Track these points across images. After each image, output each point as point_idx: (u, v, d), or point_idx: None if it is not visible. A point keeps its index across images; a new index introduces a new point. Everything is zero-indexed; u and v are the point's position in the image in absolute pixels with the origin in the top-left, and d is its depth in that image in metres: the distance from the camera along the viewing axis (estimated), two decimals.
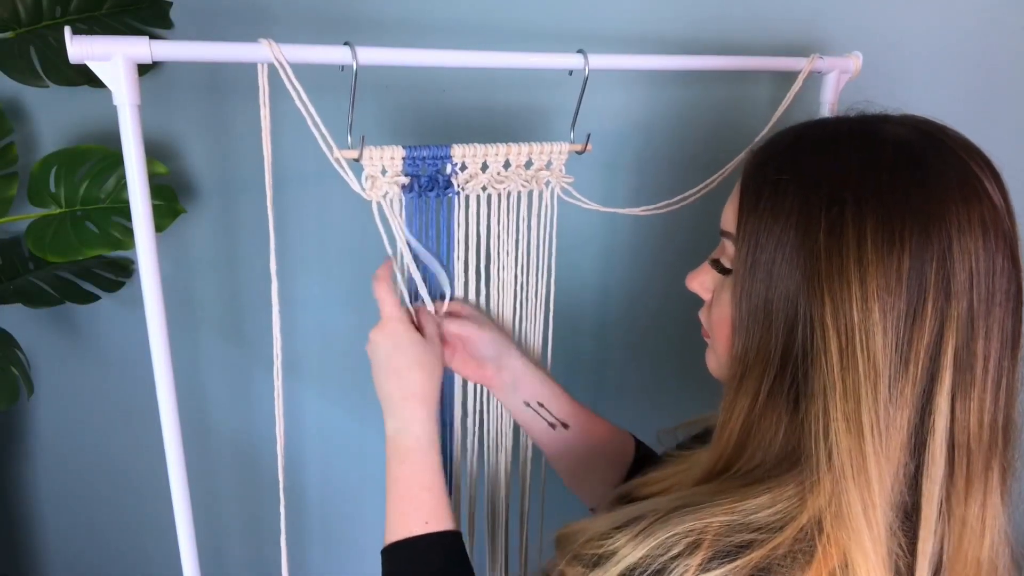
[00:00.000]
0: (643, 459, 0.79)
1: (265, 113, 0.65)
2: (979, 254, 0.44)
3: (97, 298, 0.92)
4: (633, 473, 0.78)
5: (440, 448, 0.68)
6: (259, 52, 0.62)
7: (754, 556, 0.43)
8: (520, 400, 0.78)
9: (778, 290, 0.47)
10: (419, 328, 0.73)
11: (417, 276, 0.76)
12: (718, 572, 0.43)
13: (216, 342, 1.05)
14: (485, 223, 0.79)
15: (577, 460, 0.79)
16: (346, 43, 0.65)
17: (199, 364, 1.06)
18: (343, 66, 0.65)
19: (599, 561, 0.46)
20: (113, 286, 0.93)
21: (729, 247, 0.53)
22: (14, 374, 0.82)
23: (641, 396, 1.24)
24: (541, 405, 0.77)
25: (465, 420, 0.86)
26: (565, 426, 0.78)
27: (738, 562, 0.43)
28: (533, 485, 0.92)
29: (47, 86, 0.81)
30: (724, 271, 0.54)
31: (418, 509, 0.64)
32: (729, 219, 0.53)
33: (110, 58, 0.57)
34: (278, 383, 0.75)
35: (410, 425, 0.67)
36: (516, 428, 0.89)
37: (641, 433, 0.83)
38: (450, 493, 0.87)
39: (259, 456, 1.12)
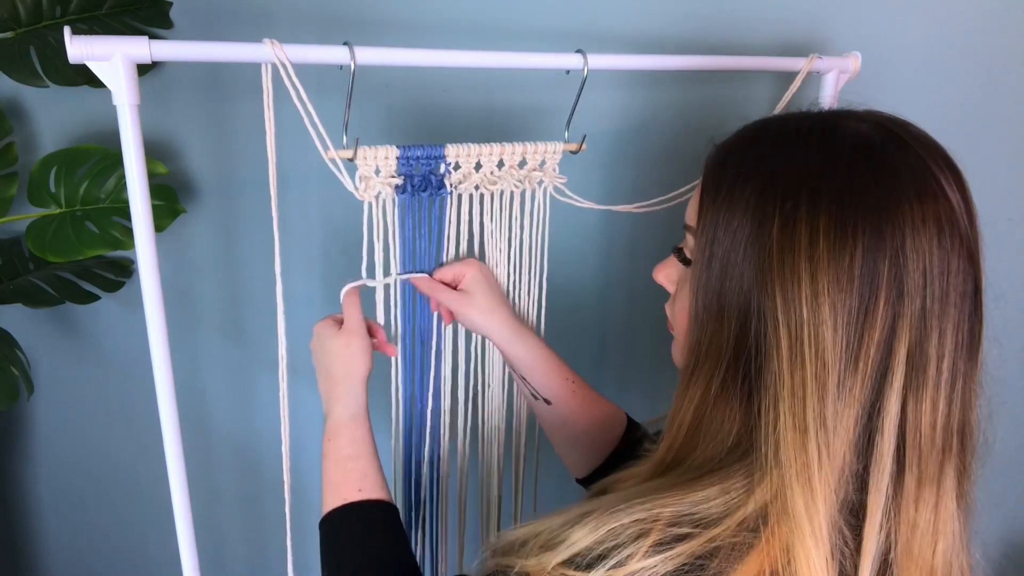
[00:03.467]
0: (634, 439, 0.80)
1: (269, 115, 0.65)
2: (933, 253, 0.44)
3: (97, 298, 0.92)
4: (621, 450, 0.79)
5: (369, 425, 0.70)
6: (260, 52, 0.62)
7: (692, 545, 0.44)
8: (508, 366, 0.80)
9: (732, 283, 0.47)
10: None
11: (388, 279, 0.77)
12: (656, 559, 0.43)
13: (216, 342, 1.05)
14: (478, 222, 0.79)
15: (560, 432, 0.80)
16: (344, 43, 0.65)
17: (199, 364, 1.06)
18: (342, 66, 0.65)
19: (549, 547, 0.47)
20: (113, 286, 0.93)
21: (691, 240, 0.54)
22: (14, 374, 0.82)
23: (638, 394, 1.24)
24: (524, 379, 0.78)
25: (456, 406, 0.86)
26: (547, 402, 0.78)
27: (676, 549, 0.43)
28: (526, 482, 0.93)
29: (47, 86, 0.81)
30: (686, 261, 0.55)
31: (348, 478, 0.66)
32: (691, 212, 0.54)
33: (110, 58, 0.57)
34: (283, 384, 0.75)
35: (333, 407, 0.71)
36: (508, 417, 0.89)
37: None
38: (440, 490, 0.88)
39: (259, 456, 1.12)
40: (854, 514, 0.46)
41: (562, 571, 0.45)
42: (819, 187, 0.45)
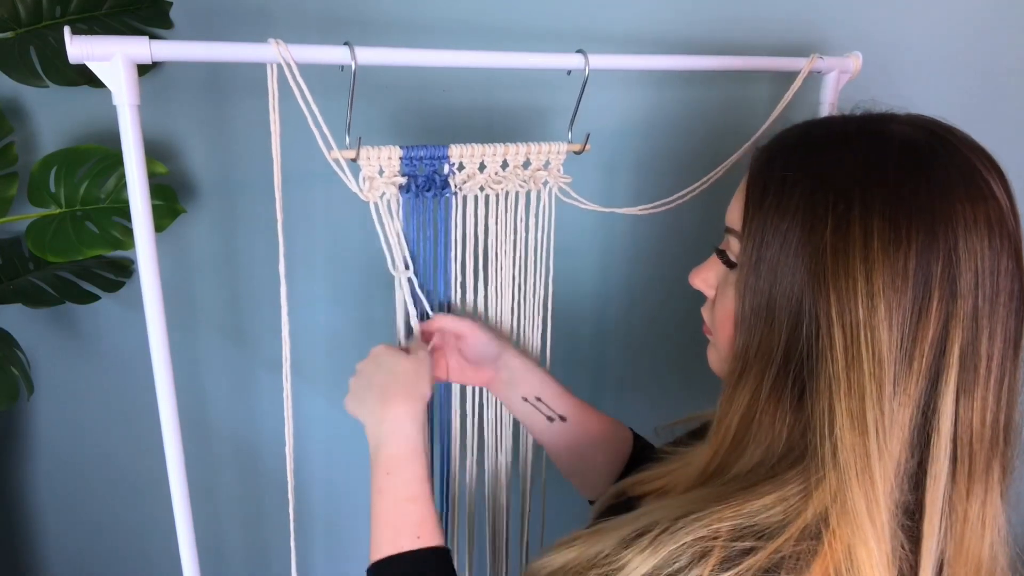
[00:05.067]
0: (641, 452, 0.80)
1: (275, 117, 0.65)
2: (984, 254, 0.45)
3: (97, 298, 0.92)
4: (631, 466, 0.78)
5: (428, 459, 0.67)
6: (264, 52, 0.62)
7: (758, 558, 0.43)
8: (518, 395, 0.79)
9: (782, 286, 0.47)
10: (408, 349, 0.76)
11: (407, 291, 0.76)
12: None
13: (216, 342, 1.05)
14: (483, 223, 0.79)
15: (575, 453, 0.79)
16: (345, 43, 0.65)
17: (199, 364, 1.06)
18: (343, 66, 0.65)
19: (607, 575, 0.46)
20: (113, 286, 0.93)
21: (734, 243, 0.53)
22: (14, 374, 0.82)
23: (640, 395, 1.24)
24: (539, 400, 0.78)
25: (464, 421, 0.86)
26: (563, 419, 0.78)
27: (743, 565, 0.43)
28: (534, 486, 0.93)
29: (47, 86, 0.81)
30: (730, 264, 0.54)
31: (407, 522, 0.62)
32: (734, 215, 0.53)
33: (110, 58, 0.57)
34: (287, 385, 0.75)
35: (392, 436, 0.66)
36: (515, 429, 0.89)
37: (640, 431, 0.83)
38: (447, 496, 0.88)
39: (259, 456, 1.12)
40: (908, 515, 0.47)
41: None
42: (871, 189, 0.45)
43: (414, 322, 0.77)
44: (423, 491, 0.64)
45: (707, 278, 0.58)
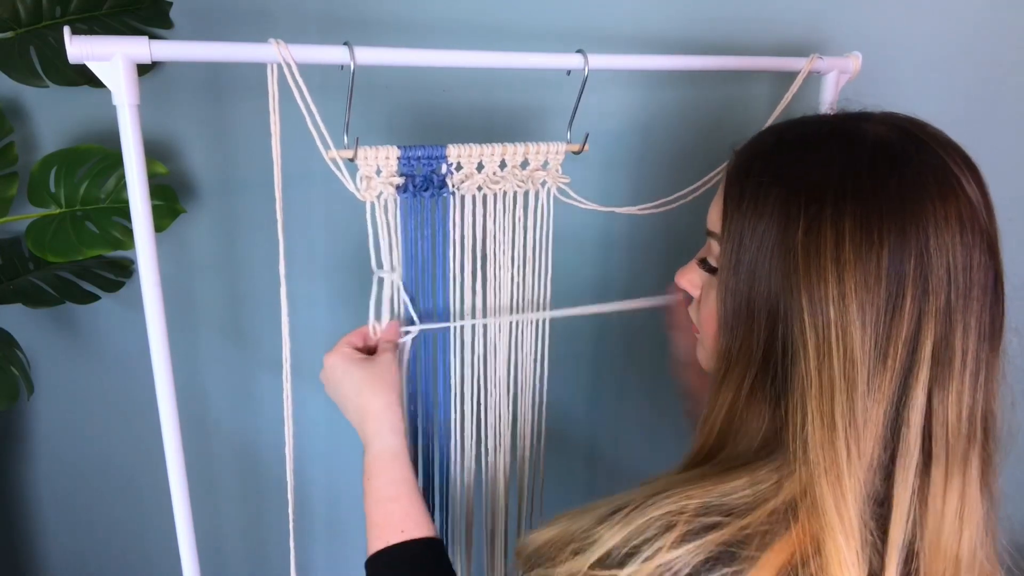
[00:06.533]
0: None
1: (275, 118, 0.65)
2: (956, 249, 0.45)
3: (97, 298, 0.92)
4: None
5: (408, 459, 0.69)
6: (264, 52, 0.62)
7: (723, 534, 0.44)
8: None
9: (760, 288, 0.48)
10: (373, 348, 0.76)
11: (396, 293, 0.76)
12: (684, 549, 0.44)
13: (216, 342, 1.05)
14: (481, 224, 0.79)
15: None
16: (345, 43, 0.65)
17: (199, 364, 1.06)
18: (342, 66, 0.65)
19: (581, 550, 0.47)
20: (113, 286, 0.93)
21: (715, 246, 0.54)
22: (14, 374, 0.82)
23: (639, 395, 1.24)
24: None
25: (464, 421, 0.86)
26: None
27: (706, 539, 0.44)
28: (532, 486, 0.93)
29: (47, 86, 0.81)
30: (711, 270, 0.56)
31: (389, 520, 0.65)
32: (714, 219, 0.54)
33: (110, 58, 0.57)
34: (287, 386, 0.75)
35: (369, 443, 0.69)
36: (515, 429, 0.89)
37: (640, 432, 0.83)
38: (446, 495, 0.88)
39: (260, 456, 1.12)
40: (879, 503, 0.47)
41: (595, 572, 0.46)
42: (843, 190, 0.46)
43: (385, 319, 0.77)
44: (401, 491, 0.66)
45: (692, 279, 0.59)
